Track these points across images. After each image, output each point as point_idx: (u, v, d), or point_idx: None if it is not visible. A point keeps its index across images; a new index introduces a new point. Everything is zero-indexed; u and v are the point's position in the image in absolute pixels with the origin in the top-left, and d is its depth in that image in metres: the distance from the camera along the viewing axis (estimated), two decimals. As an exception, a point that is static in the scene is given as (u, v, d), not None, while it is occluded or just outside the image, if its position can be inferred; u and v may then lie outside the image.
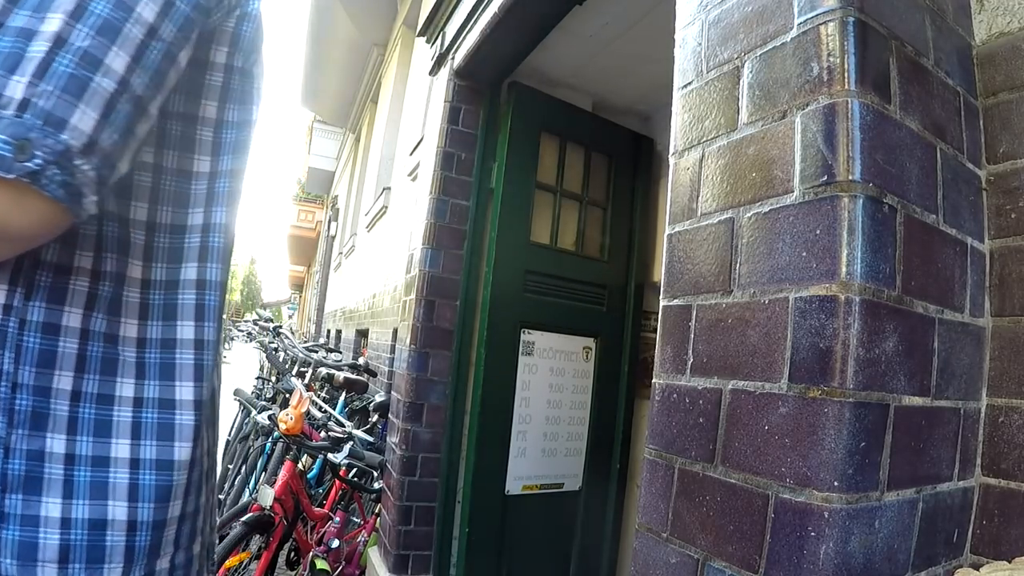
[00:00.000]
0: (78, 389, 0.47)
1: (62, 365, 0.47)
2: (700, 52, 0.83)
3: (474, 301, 2.21)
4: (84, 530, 0.46)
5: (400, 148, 4.42)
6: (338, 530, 2.28)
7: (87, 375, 0.48)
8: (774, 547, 0.61)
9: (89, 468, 0.47)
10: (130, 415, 0.50)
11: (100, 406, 0.48)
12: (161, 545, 0.51)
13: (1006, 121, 0.74)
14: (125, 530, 0.48)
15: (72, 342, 0.47)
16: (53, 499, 0.45)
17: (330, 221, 9.70)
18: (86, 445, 0.47)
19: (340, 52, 6.81)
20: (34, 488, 0.44)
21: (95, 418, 0.48)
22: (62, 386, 0.47)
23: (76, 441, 0.47)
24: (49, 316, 0.47)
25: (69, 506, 0.46)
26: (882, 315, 0.61)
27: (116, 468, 0.48)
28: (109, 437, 0.48)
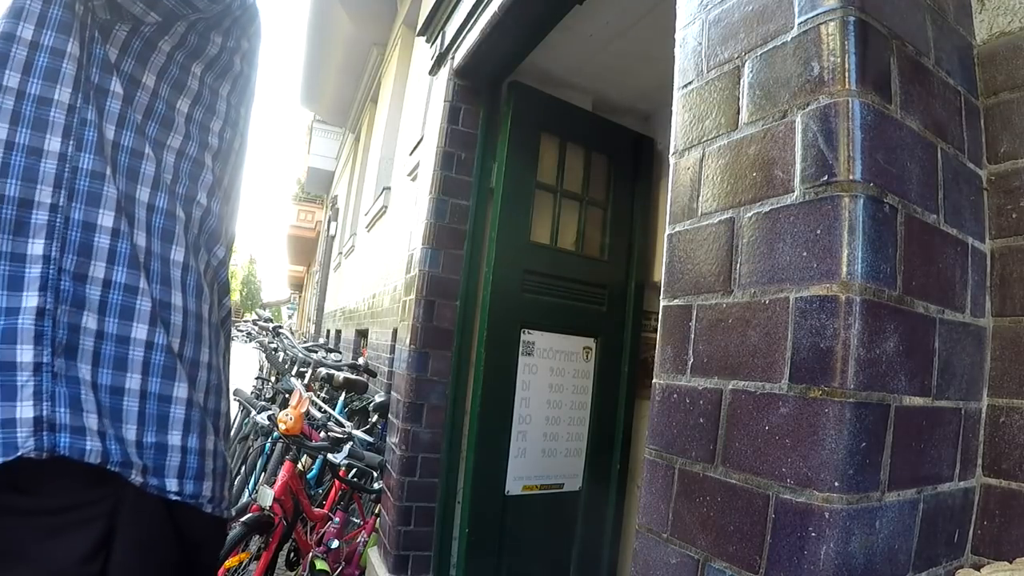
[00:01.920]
0: (109, 278, 0.59)
1: (97, 256, 0.58)
2: (700, 51, 0.83)
3: (474, 301, 2.21)
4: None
5: (400, 148, 4.42)
6: (338, 531, 2.27)
7: (116, 266, 0.59)
8: (774, 548, 0.61)
9: (114, 344, 0.58)
10: (149, 307, 0.61)
11: (126, 294, 0.59)
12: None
13: (1007, 121, 0.74)
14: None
15: (104, 238, 0.58)
16: (85, 364, 0.56)
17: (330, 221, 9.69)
18: (112, 324, 0.58)
19: (340, 52, 6.81)
20: (71, 355, 0.55)
21: (121, 304, 0.59)
22: (96, 274, 0.58)
23: (105, 320, 0.58)
24: (87, 216, 0.58)
25: (97, 372, 0.57)
26: (883, 315, 0.61)
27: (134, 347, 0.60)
28: (131, 320, 0.59)
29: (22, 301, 0.53)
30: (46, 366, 0.53)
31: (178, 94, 0.67)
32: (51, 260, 0.55)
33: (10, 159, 0.55)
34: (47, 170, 0.56)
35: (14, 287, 0.54)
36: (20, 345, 0.52)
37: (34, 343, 0.53)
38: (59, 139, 0.57)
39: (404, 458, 2.09)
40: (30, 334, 0.53)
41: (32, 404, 0.51)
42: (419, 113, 3.46)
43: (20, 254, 0.54)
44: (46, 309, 0.54)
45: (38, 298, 0.54)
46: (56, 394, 0.53)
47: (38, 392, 0.52)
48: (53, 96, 0.57)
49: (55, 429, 0.52)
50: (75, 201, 0.57)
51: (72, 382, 0.54)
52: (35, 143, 0.56)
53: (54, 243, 0.55)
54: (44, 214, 0.56)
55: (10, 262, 0.54)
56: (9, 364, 0.52)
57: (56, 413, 0.52)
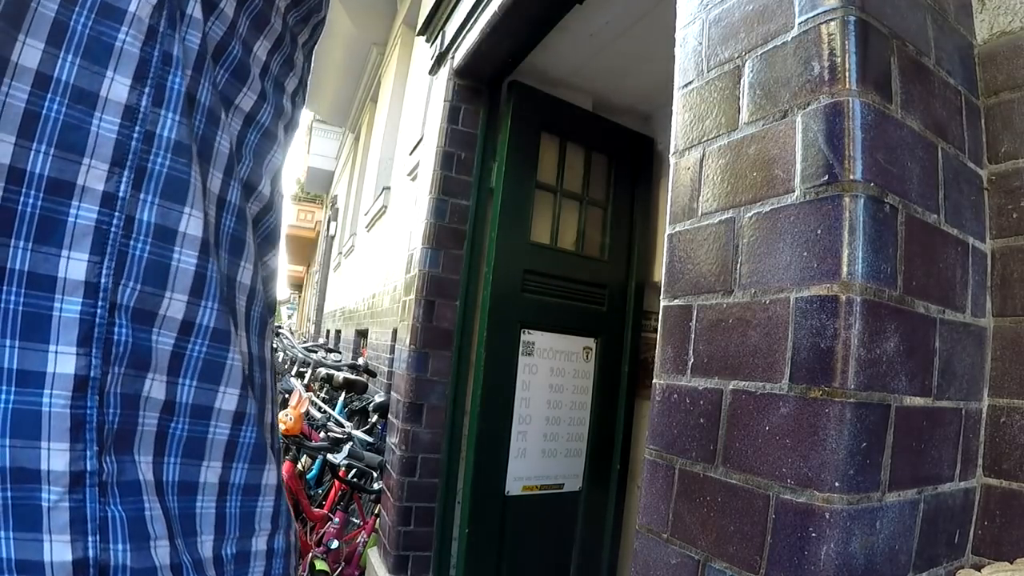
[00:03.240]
0: (192, 320, 0.38)
1: (175, 285, 0.36)
2: (701, 51, 0.83)
3: (474, 301, 2.20)
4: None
5: (400, 148, 4.42)
6: (337, 531, 2.27)
7: (204, 301, 0.38)
8: (775, 548, 0.61)
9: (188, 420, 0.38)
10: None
11: (213, 343, 0.39)
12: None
13: (1007, 120, 0.74)
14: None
15: (189, 256, 0.37)
16: (144, 456, 0.36)
17: (329, 221, 9.69)
18: (187, 390, 0.38)
19: (339, 51, 6.81)
20: (125, 445, 0.35)
21: (206, 358, 0.38)
22: (171, 313, 0.36)
23: (179, 386, 0.38)
24: (163, 217, 0.35)
25: (161, 465, 0.38)
26: (883, 315, 0.61)
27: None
28: (217, 384, 0.39)
29: (49, 363, 0.31)
30: (89, 476, 0.32)
31: (258, 33, 0.45)
32: (99, 291, 0.32)
33: (41, 106, 0.31)
34: (103, 132, 0.33)
35: (35, 334, 0.31)
36: (46, 443, 0.31)
37: (70, 439, 0.31)
38: (128, 81, 0.33)
39: (404, 458, 2.09)
40: (63, 422, 0.31)
41: (68, 540, 0.31)
42: (419, 113, 3.46)
43: (47, 277, 0.31)
44: (90, 377, 0.32)
45: (76, 359, 0.31)
46: (109, 520, 0.32)
47: (79, 520, 0.31)
48: (127, 6, 0.33)
49: (107, 573, 0.32)
50: (145, 191, 0.34)
51: (129, 491, 0.34)
52: (88, 83, 0.32)
53: (106, 261, 0.32)
54: (92, 210, 0.32)
55: (27, 290, 0.31)
56: (26, 474, 0.30)
57: (110, 551, 0.32)
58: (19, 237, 0.31)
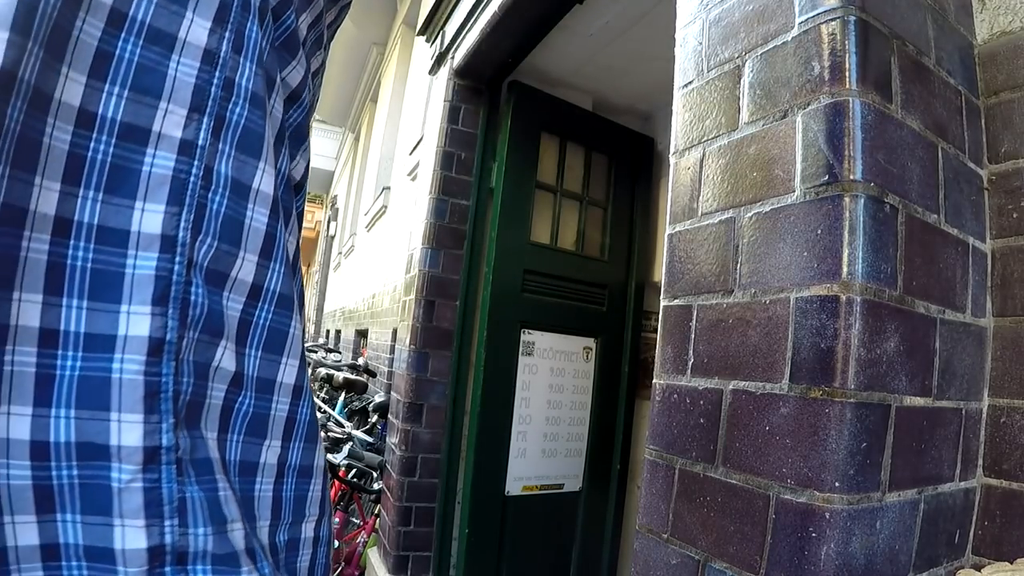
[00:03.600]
0: (261, 283, 0.34)
1: (248, 244, 0.33)
2: (701, 51, 0.83)
3: (474, 301, 2.20)
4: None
5: (400, 148, 4.42)
6: (337, 531, 2.27)
7: (273, 263, 0.35)
8: (775, 548, 0.61)
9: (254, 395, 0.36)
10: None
11: (279, 310, 0.35)
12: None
13: (1008, 120, 0.74)
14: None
15: (262, 212, 0.34)
16: (211, 432, 0.33)
17: (329, 221, 9.69)
18: (254, 362, 0.35)
19: (339, 51, 6.81)
20: (195, 419, 0.32)
21: (271, 325, 0.35)
22: (243, 275, 0.33)
23: (246, 356, 0.34)
24: (239, 171, 0.32)
25: (225, 442, 0.35)
26: (883, 315, 0.61)
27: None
28: (280, 355, 0.36)
29: (120, 323, 0.28)
30: (166, 451, 0.28)
31: (306, 5, 0.42)
32: (177, 245, 0.29)
33: (114, 46, 0.28)
34: (181, 76, 0.30)
35: (105, 294, 0.28)
36: (117, 415, 0.27)
37: (144, 409, 0.28)
38: (208, 23, 0.31)
39: (404, 458, 2.09)
40: (137, 391, 0.28)
41: (143, 524, 0.27)
42: (419, 113, 3.46)
43: (119, 231, 0.28)
44: (166, 340, 0.28)
45: (151, 320, 0.28)
46: (189, 501, 0.29)
47: (154, 502, 0.28)
48: None
49: (187, 561, 0.29)
50: (224, 142, 0.31)
51: (204, 470, 0.30)
52: (165, 23, 0.29)
53: (184, 213, 0.29)
54: (169, 157, 0.29)
55: (97, 244, 0.28)
56: (94, 449, 0.27)
57: (189, 536, 0.29)
58: (88, 187, 0.28)
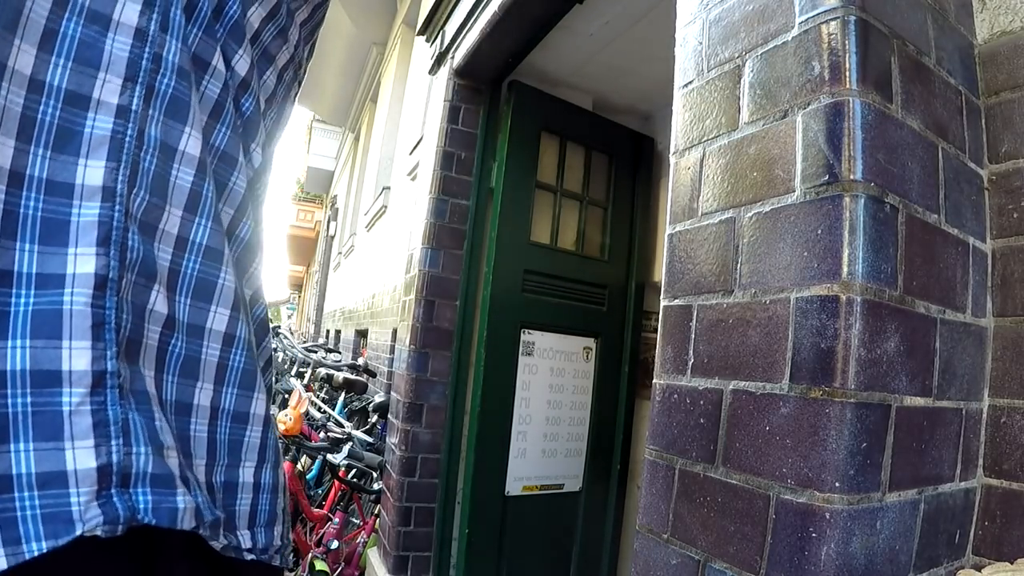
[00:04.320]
0: (186, 235, 0.38)
1: (173, 199, 0.37)
2: (701, 51, 0.83)
3: (474, 301, 2.20)
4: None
5: (399, 147, 4.42)
6: (337, 531, 2.27)
7: (199, 218, 0.38)
8: (775, 548, 0.61)
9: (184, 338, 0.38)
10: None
11: (205, 260, 0.39)
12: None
13: (1008, 120, 0.74)
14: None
15: (187, 172, 0.38)
16: (147, 370, 0.36)
17: (329, 221, 9.69)
18: (183, 307, 0.38)
19: (339, 51, 6.81)
20: (134, 356, 0.35)
21: (199, 275, 0.38)
22: (169, 227, 0.36)
23: (176, 301, 0.37)
24: (167, 134, 0.36)
25: (161, 381, 0.38)
26: (884, 315, 0.61)
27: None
28: (209, 303, 0.39)
29: (68, 263, 0.31)
30: (110, 376, 0.31)
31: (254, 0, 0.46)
32: (115, 195, 0.33)
33: (58, 24, 0.32)
34: (117, 51, 0.34)
35: (54, 238, 0.31)
36: (68, 341, 0.30)
37: (91, 336, 0.30)
38: (138, 6, 0.35)
39: (404, 458, 2.09)
40: (85, 320, 0.30)
41: (92, 445, 0.30)
42: (419, 113, 3.46)
43: (65, 184, 0.32)
44: (109, 278, 0.31)
45: (96, 258, 0.31)
46: (131, 423, 0.31)
47: (101, 423, 0.30)
48: None
49: (129, 483, 0.31)
50: (153, 108, 0.35)
51: (142, 401, 0.33)
52: (102, 6, 0.34)
53: (121, 168, 0.33)
54: (107, 120, 0.33)
55: (47, 195, 0.31)
56: (47, 376, 0.30)
57: (132, 456, 0.31)
58: (38, 145, 0.32)
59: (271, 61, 0.50)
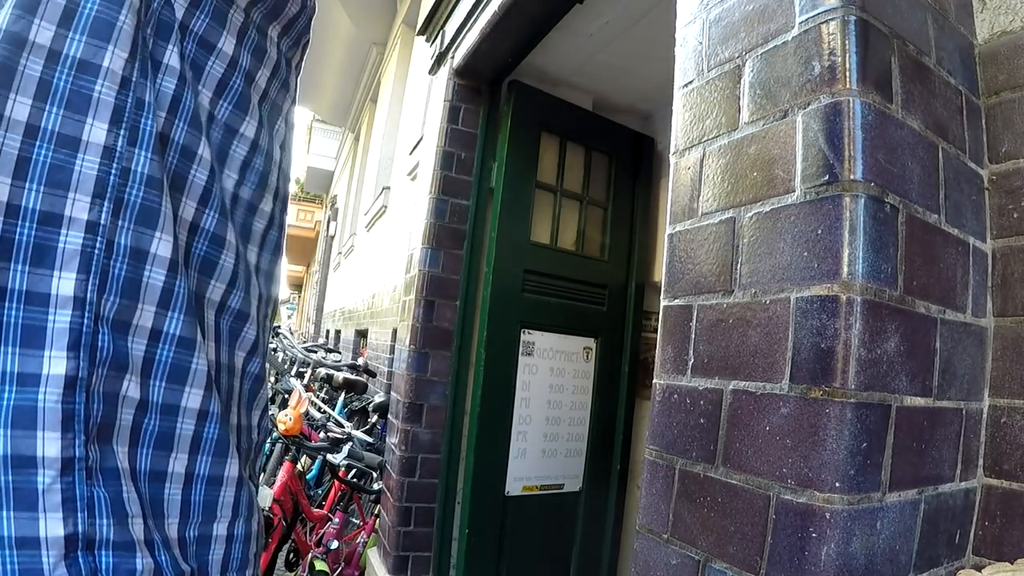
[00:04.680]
0: (160, 328, 0.42)
1: (146, 298, 0.41)
2: (701, 51, 0.83)
3: (474, 301, 2.20)
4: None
5: (399, 147, 4.42)
6: (337, 531, 2.27)
7: (171, 312, 0.43)
8: (775, 548, 0.61)
9: (158, 417, 0.43)
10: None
11: (179, 349, 0.44)
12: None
13: (1008, 120, 0.73)
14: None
15: (159, 273, 0.42)
16: (121, 447, 0.41)
17: (329, 221, 9.69)
18: (157, 391, 0.43)
19: (339, 51, 6.81)
20: (106, 437, 0.41)
21: (172, 362, 0.43)
22: (143, 322, 0.41)
23: (150, 386, 0.42)
24: (138, 240, 0.41)
25: (135, 454, 0.43)
26: (884, 315, 0.61)
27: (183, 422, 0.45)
28: (183, 385, 0.44)
29: (44, 365, 0.37)
30: (78, 461, 0.37)
31: (258, 64, 0.50)
32: (86, 304, 0.38)
33: (31, 152, 0.37)
34: (85, 171, 0.39)
35: (31, 343, 0.37)
36: (41, 432, 0.36)
37: (62, 429, 0.37)
38: (105, 125, 0.39)
39: (404, 459, 2.09)
40: (56, 416, 0.36)
41: (61, 517, 0.36)
42: (419, 112, 3.46)
43: (40, 295, 0.37)
44: (79, 378, 0.37)
45: (67, 361, 0.37)
46: (95, 500, 0.37)
47: (69, 499, 0.36)
48: (102, 61, 0.39)
49: (93, 547, 0.37)
50: (123, 219, 0.40)
51: (111, 477, 0.39)
52: (70, 130, 0.38)
53: (91, 279, 0.38)
54: (78, 236, 0.38)
55: (26, 305, 0.37)
56: (24, 460, 0.36)
57: (96, 526, 0.37)
58: (17, 262, 0.37)
59: (280, 111, 0.54)
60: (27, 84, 0.38)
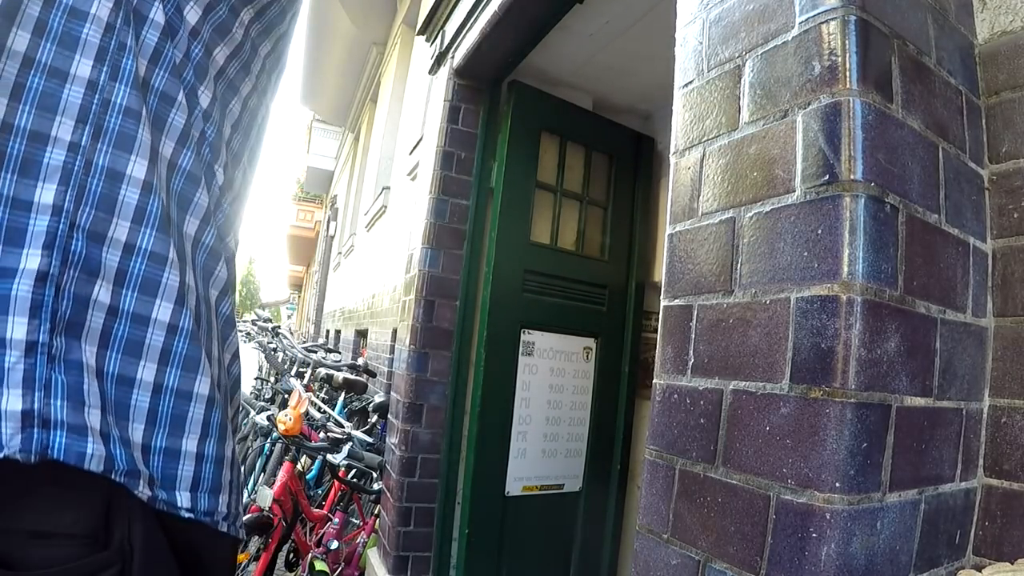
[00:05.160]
0: (133, 242, 0.47)
1: (120, 213, 0.46)
2: (701, 51, 0.83)
3: (474, 301, 2.20)
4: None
5: (399, 147, 4.42)
6: (337, 531, 2.27)
7: (144, 228, 0.47)
8: (775, 548, 0.61)
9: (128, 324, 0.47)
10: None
11: (150, 263, 0.48)
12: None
13: (1008, 120, 0.73)
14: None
15: (133, 192, 0.47)
16: (90, 346, 0.45)
17: (329, 221, 9.69)
18: (129, 299, 0.47)
19: (339, 51, 6.81)
20: (74, 333, 0.45)
21: (144, 275, 0.47)
22: (117, 235, 0.46)
23: (121, 294, 0.46)
24: (114, 162, 0.46)
25: (104, 356, 0.47)
26: (884, 315, 0.61)
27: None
28: (154, 297, 0.48)
29: (21, 260, 0.42)
30: (41, 346, 0.42)
31: (219, 40, 0.56)
32: (63, 212, 0.43)
33: (26, 79, 0.43)
34: (71, 99, 0.45)
35: (13, 241, 0.42)
36: (12, 317, 0.41)
37: (29, 315, 0.42)
38: (90, 62, 0.45)
39: (404, 459, 2.09)
40: (25, 303, 0.42)
41: (21, 393, 0.41)
42: (419, 112, 3.46)
43: (24, 201, 0.43)
44: (50, 274, 0.43)
45: (40, 258, 0.42)
46: (52, 382, 0.42)
47: (29, 378, 0.41)
48: (89, 8, 0.46)
49: (49, 426, 0.42)
50: (101, 142, 0.45)
51: (73, 368, 0.43)
52: (60, 63, 0.44)
53: (69, 191, 0.44)
54: (60, 153, 0.44)
55: (11, 209, 0.42)
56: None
57: (51, 406, 0.42)
58: (6, 171, 0.42)
59: (237, 92, 0.59)
60: (27, 22, 0.43)
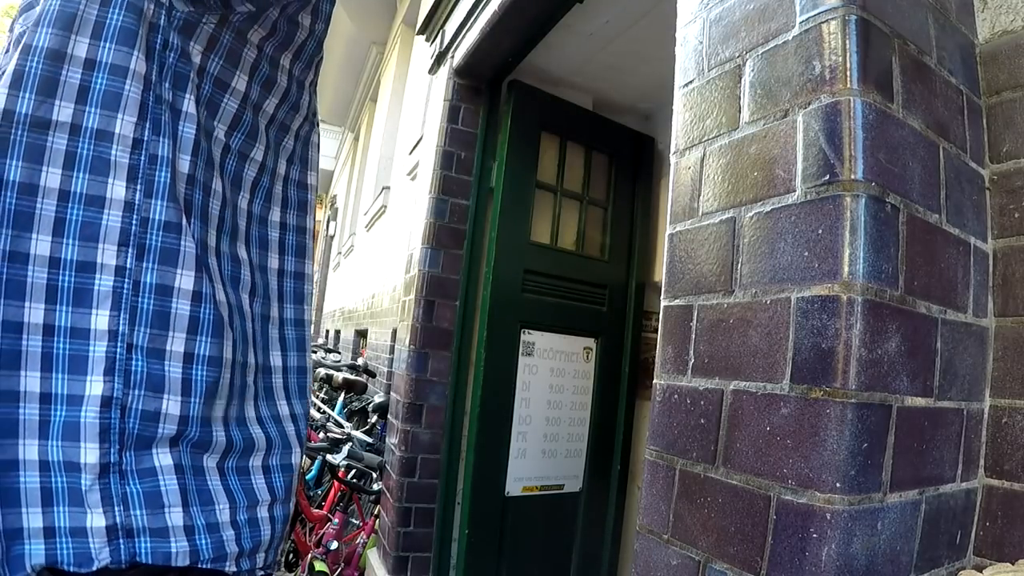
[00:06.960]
0: (192, 351, 0.49)
1: (175, 327, 0.49)
2: (701, 50, 0.83)
3: (474, 301, 2.20)
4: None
5: (399, 147, 4.42)
6: (337, 532, 2.27)
7: (200, 337, 0.50)
8: (776, 549, 0.61)
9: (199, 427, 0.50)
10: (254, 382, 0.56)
11: (210, 368, 0.51)
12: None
13: (1009, 120, 0.73)
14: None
15: (184, 304, 0.49)
16: (162, 450, 0.49)
17: (329, 220, 9.69)
18: (196, 407, 0.50)
19: (339, 50, 6.80)
20: (145, 445, 0.47)
21: (207, 382, 0.50)
22: (175, 348, 0.48)
23: (189, 403, 0.49)
24: (162, 278, 0.48)
25: (178, 454, 0.50)
26: (884, 315, 0.61)
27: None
28: (215, 398, 0.51)
29: (86, 387, 0.45)
30: (113, 467, 0.45)
31: (267, 94, 0.58)
32: (119, 336, 0.46)
33: (65, 213, 0.45)
34: (110, 224, 0.47)
35: (77, 370, 0.45)
36: (83, 443, 0.44)
37: (99, 440, 0.45)
38: (123, 183, 0.47)
39: (403, 459, 2.09)
40: (94, 429, 0.45)
41: (102, 511, 0.45)
42: (419, 112, 3.46)
43: (82, 329, 0.45)
44: (113, 397, 0.45)
45: (103, 384, 0.45)
46: (128, 495, 0.46)
47: (107, 496, 0.45)
48: (114, 129, 0.47)
49: (133, 535, 0.45)
50: (146, 261, 0.47)
51: (147, 475, 0.47)
52: (95, 191, 0.46)
53: (121, 314, 0.46)
54: (108, 279, 0.46)
55: (71, 339, 0.45)
56: (71, 465, 0.44)
57: (132, 516, 0.45)
58: (62, 303, 0.46)
59: (287, 130, 0.62)
60: (55, 157, 0.46)
